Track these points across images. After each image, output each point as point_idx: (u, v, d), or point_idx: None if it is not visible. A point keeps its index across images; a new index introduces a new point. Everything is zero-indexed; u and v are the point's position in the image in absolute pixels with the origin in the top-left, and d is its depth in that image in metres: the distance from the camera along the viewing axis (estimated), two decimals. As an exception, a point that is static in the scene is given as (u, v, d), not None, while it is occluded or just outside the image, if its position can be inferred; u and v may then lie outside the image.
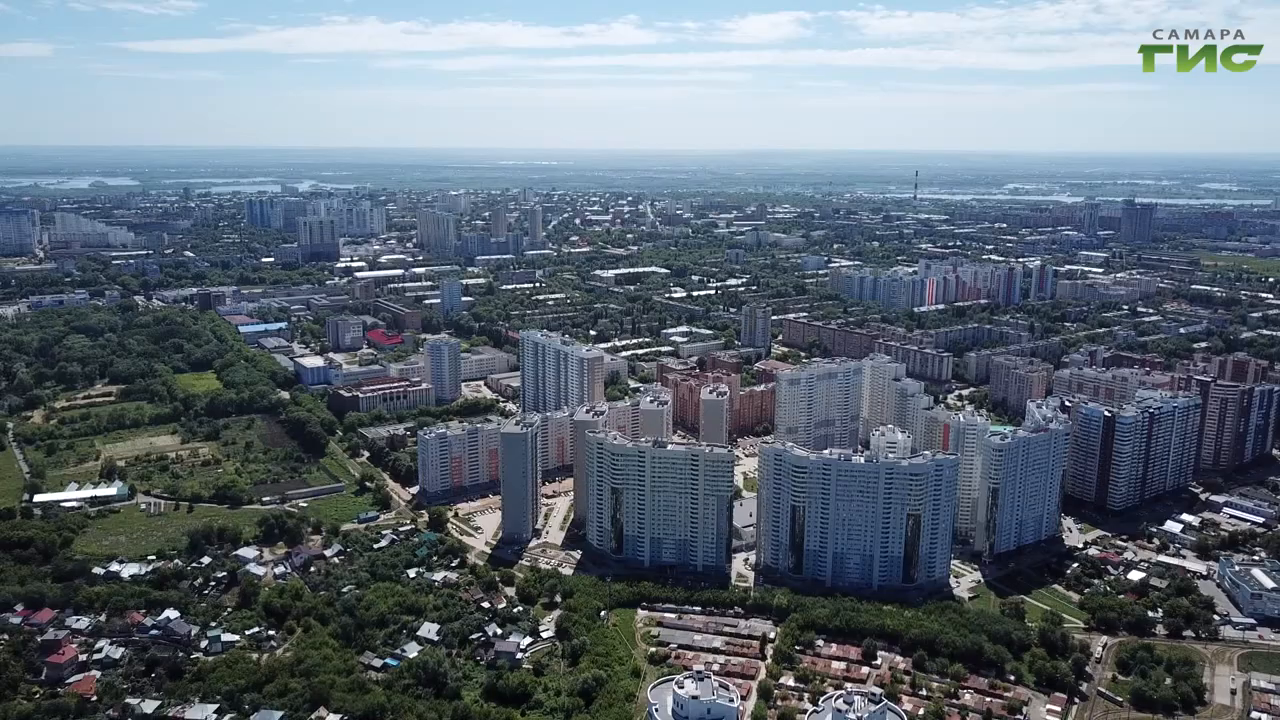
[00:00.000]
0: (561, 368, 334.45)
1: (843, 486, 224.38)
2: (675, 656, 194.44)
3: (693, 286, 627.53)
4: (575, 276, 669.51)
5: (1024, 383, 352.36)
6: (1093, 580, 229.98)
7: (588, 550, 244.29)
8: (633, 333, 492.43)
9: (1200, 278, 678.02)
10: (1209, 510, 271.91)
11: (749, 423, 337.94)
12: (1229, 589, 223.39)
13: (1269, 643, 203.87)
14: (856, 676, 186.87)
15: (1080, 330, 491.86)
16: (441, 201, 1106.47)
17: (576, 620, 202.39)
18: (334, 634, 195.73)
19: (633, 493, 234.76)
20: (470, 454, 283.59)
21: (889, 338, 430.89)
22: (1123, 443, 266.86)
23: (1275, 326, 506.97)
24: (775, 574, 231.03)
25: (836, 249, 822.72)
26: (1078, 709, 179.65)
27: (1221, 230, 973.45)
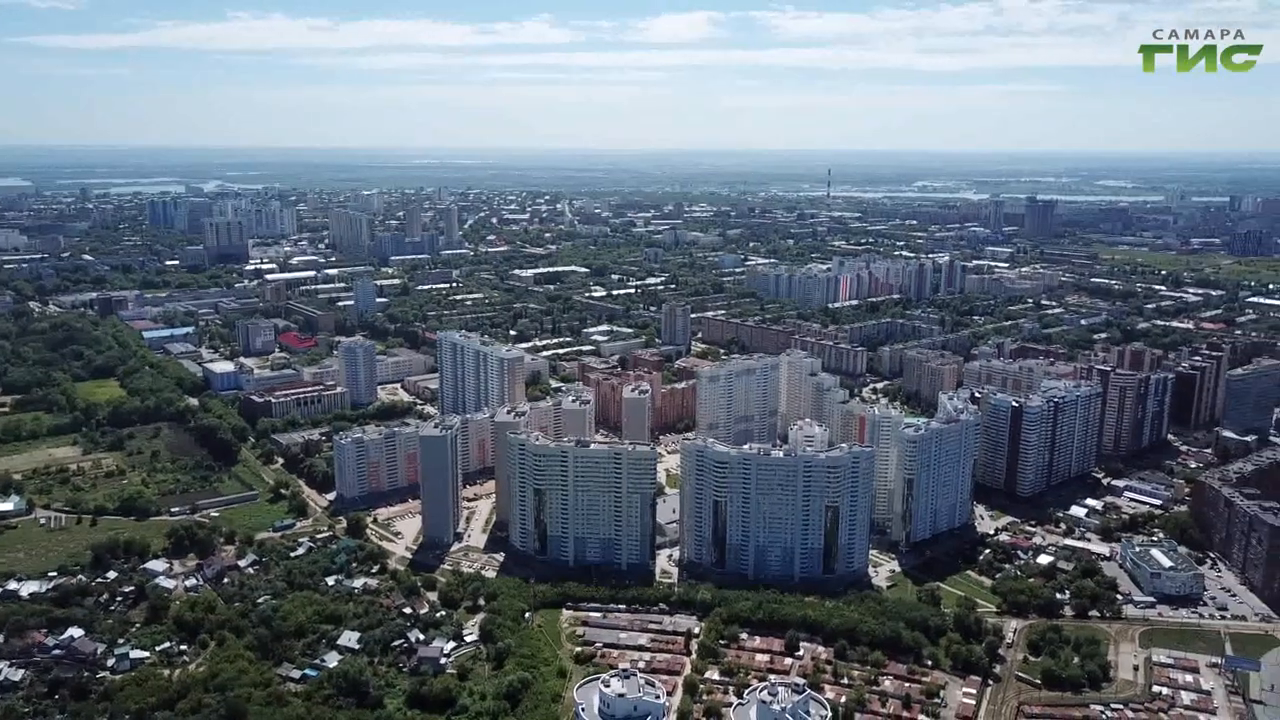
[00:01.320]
0: (481, 369, 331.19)
1: (763, 481, 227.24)
2: (601, 655, 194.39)
3: (613, 285, 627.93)
4: (493, 276, 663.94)
5: (935, 375, 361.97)
6: (1004, 565, 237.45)
7: (511, 552, 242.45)
8: (553, 332, 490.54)
9: (1099, 271, 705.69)
10: (1111, 494, 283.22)
11: (671, 420, 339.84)
12: (1130, 569, 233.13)
13: (1168, 620, 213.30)
14: (780, 668, 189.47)
15: (988, 323, 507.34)
16: (354, 201, 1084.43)
17: (500, 623, 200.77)
18: (250, 646, 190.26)
19: (556, 493, 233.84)
20: (388, 458, 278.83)
21: (805, 334, 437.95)
22: (1030, 431, 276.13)
23: (1169, 317, 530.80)
24: (699, 569, 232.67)
25: (753, 247, 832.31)
26: (992, 690, 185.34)
27: (1118, 225, 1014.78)
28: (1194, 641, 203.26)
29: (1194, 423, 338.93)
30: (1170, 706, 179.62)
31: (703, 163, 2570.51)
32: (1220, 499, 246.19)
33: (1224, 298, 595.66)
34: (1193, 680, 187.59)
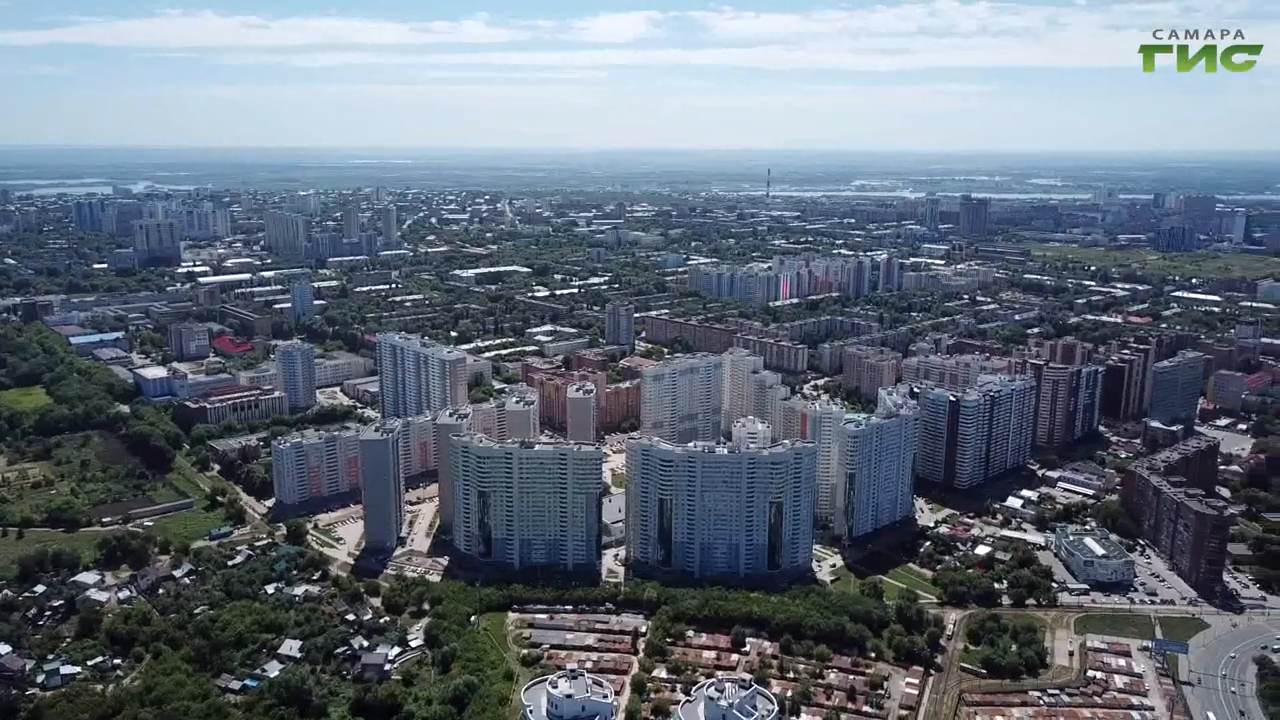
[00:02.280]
0: (422, 370, 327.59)
1: (708, 478, 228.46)
2: (548, 657, 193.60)
3: (555, 285, 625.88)
4: (433, 277, 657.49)
5: (875, 371, 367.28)
6: (944, 557, 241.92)
7: (455, 555, 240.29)
8: (496, 333, 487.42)
9: (1031, 268, 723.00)
10: (1045, 485, 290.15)
11: (615, 419, 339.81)
12: (1065, 558, 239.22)
13: (1101, 606, 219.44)
14: (727, 664, 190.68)
15: (925, 320, 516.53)
16: (290, 202, 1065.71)
17: (446, 627, 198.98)
18: (187, 658, 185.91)
19: (500, 495, 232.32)
20: (328, 463, 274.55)
21: (747, 332, 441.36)
22: (967, 425, 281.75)
23: (1098, 311, 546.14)
24: (645, 568, 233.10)
25: (694, 246, 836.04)
26: (934, 679, 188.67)
27: (1048, 223, 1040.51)
28: (1126, 626, 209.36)
29: (1123, 414, 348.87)
30: (1104, 690, 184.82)
31: (644, 162, 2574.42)
32: (1149, 487, 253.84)
33: (1150, 292, 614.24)
34: (1125, 664, 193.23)
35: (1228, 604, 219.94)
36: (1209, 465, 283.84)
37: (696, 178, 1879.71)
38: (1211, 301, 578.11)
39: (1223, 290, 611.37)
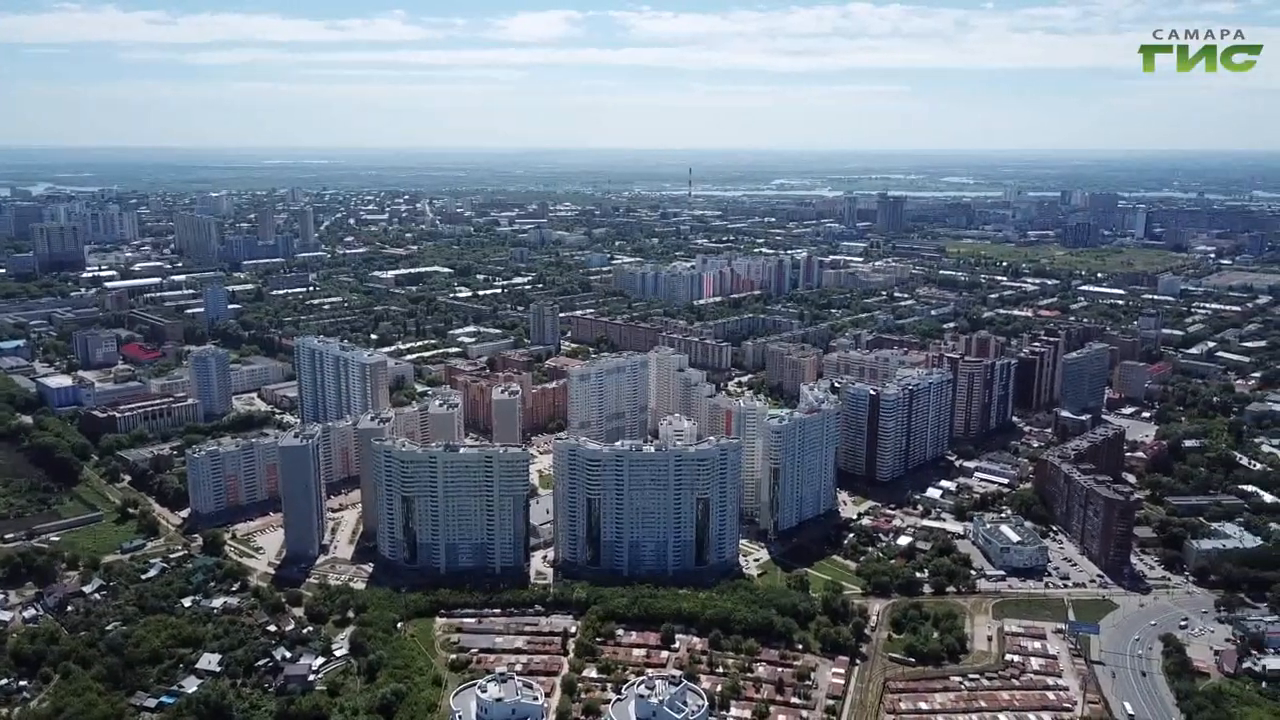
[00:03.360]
0: (342, 374, 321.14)
1: (635, 477, 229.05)
2: (477, 661, 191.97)
3: (478, 285, 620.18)
4: (352, 279, 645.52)
5: (797, 368, 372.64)
6: (867, 548, 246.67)
7: (380, 562, 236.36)
8: (417, 335, 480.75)
9: (946, 264, 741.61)
10: (963, 475, 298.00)
11: (542, 420, 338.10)
12: (982, 546, 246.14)
13: (1017, 591, 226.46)
14: (657, 661, 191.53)
15: (845, 316, 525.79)
16: (201, 204, 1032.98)
17: (371, 635, 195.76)
18: (99, 677, 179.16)
19: (425, 499, 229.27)
20: (246, 471, 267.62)
21: (672, 330, 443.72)
22: (887, 419, 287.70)
23: (1010, 306, 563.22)
24: (574, 568, 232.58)
25: (618, 246, 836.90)
26: (859, 669, 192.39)
27: (961, 220, 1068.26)
28: (1041, 610, 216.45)
29: (1035, 404, 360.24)
30: (1021, 673, 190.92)
31: (565, 161, 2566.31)
32: (1060, 475, 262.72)
33: (1058, 287, 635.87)
34: (1041, 647, 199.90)
35: (1135, 585, 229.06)
36: (1116, 452, 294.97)
37: (619, 177, 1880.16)
38: (1116, 295, 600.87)
39: (1126, 284, 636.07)
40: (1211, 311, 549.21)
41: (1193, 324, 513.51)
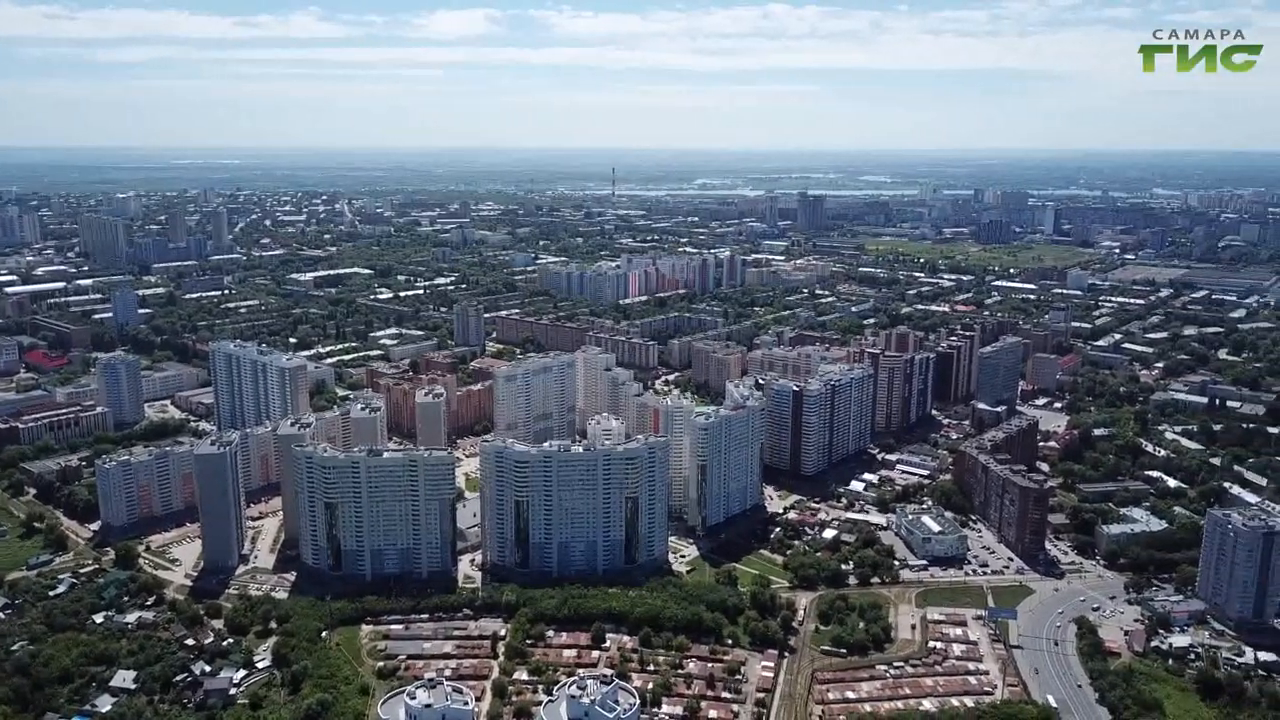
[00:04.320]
0: (260, 379, 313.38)
1: (564, 477, 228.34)
2: (405, 668, 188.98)
3: (399, 287, 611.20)
4: (269, 281, 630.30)
5: (722, 365, 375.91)
6: (793, 542, 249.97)
7: (303, 570, 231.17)
8: (337, 337, 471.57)
9: (865, 261, 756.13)
10: (885, 468, 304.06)
11: (468, 422, 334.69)
12: (905, 536, 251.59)
13: (938, 580, 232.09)
14: (587, 661, 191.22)
15: (768, 314, 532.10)
16: (108, 205, 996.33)
17: (295, 645, 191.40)
18: (5, 699, 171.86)
19: (349, 505, 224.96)
20: (160, 480, 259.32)
21: (598, 330, 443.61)
22: (810, 414, 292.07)
23: (928, 301, 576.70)
24: (503, 571, 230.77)
25: (542, 245, 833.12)
26: (788, 661, 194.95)
27: (880, 218, 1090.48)
28: (961, 598, 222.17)
29: (953, 397, 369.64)
30: (944, 659, 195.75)
31: (488, 161, 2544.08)
32: (978, 465, 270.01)
33: (973, 282, 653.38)
34: (962, 633, 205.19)
35: (1050, 570, 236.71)
36: (1030, 442, 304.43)
37: (542, 176, 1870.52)
38: (1027, 290, 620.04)
39: (1037, 279, 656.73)
40: (1117, 305, 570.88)
41: (1100, 317, 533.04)
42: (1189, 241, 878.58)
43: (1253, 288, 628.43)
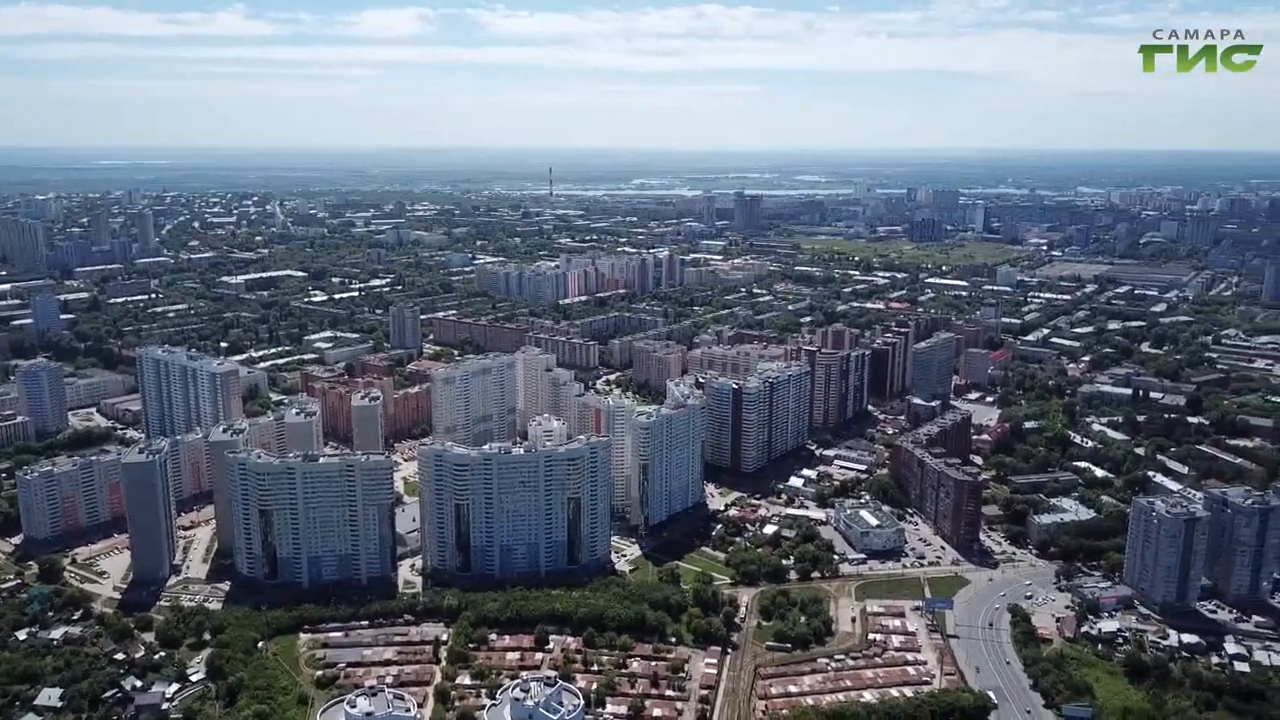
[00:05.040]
0: (190, 385, 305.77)
1: (505, 479, 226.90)
2: (345, 676, 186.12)
3: (334, 289, 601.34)
4: (199, 284, 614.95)
5: (662, 364, 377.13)
6: (735, 538, 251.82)
7: (238, 580, 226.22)
8: (270, 341, 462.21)
9: (801, 260, 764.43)
10: (823, 464, 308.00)
11: (405, 426, 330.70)
12: (844, 530, 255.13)
13: (877, 573, 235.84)
14: (531, 663, 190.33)
15: (707, 313, 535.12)
16: (26, 207, 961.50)
17: (230, 656, 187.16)
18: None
19: (284, 512, 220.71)
20: (85, 491, 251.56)
21: (538, 330, 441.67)
22: (750, 411, 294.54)
23: (863, 299, 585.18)
24: (444, 575, 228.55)
25: (480, 246, 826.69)
26: (731, 657, 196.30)
27: (815, 217, 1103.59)
28: (900, 590, 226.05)
29: (888, 393, 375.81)
30: (884, 650, 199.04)
31: (423, 161, 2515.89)
32: (913, 460, 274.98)
33: (907, 280, 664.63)
34: (900, 624, 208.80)
35: (984, 560, 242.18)
36: (963, 436, 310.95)
37: (478, 176, 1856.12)
38: (959, 286, 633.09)
39: (968, 276, 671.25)
40: (1045, 300, 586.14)
41: (1029, 312, 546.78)
42: (1112, 238, 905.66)
43: (1172, 283, 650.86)
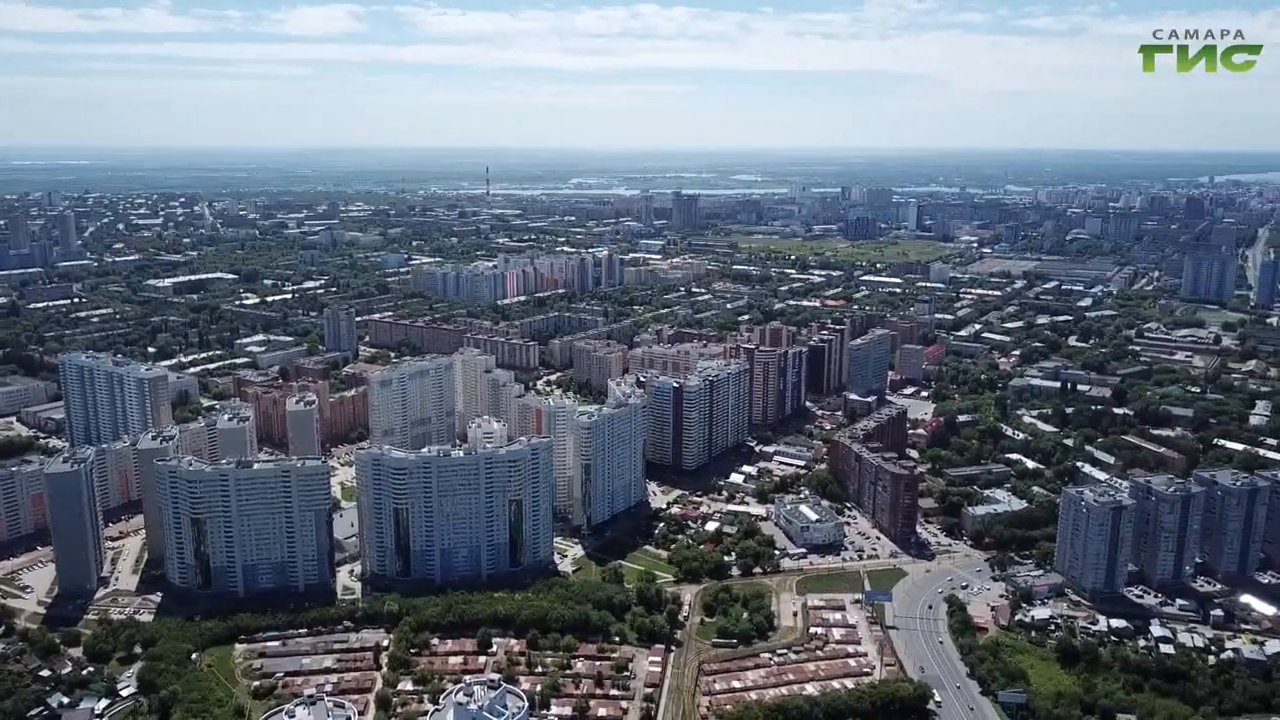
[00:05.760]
0: (117, 392, 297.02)
1: (445, 482, 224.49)
2: (283, 685, 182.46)
3: (266, 291, 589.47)
4: (124, 288, 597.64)
5: (603, 364, 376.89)
6: (677, 536, 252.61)
7: (170, 591, 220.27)
8: (201, 346, 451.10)
9: (739, 259, 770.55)
10: (763, 460, 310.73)
11: (342, 430, 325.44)
12: (784, 526, 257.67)
13: (817, 567, 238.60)
14: (474, 667, 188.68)
15: (647, 312, 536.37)
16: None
17: (162, 669, 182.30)
18: None
19: (218, 520, 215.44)
20: (6, 503, 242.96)
21: (477, 331, 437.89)
22: (690, 409, 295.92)
23: (799, 297, 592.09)
24: (384, 580, 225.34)
25: (416, 246, 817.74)
26: (675, 655, 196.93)
27: (752, 216, 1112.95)
28: (840, 583, 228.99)
29: (826, 389, 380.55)
30: (825, 644, 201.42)
31: (357, 161, 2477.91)
32: (851, 454, 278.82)
33: (842, 277, 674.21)
34: (841, 617, 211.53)
35: (921, 552, 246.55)
36: (899, 430, 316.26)
37: (414, 176, 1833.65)
38: (893, 283, 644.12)
39: (902, 273, 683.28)
40: (976, 296, 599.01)
41: (961, 308, 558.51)
42: (1040, 235, 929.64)
43: (1097, 278, 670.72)
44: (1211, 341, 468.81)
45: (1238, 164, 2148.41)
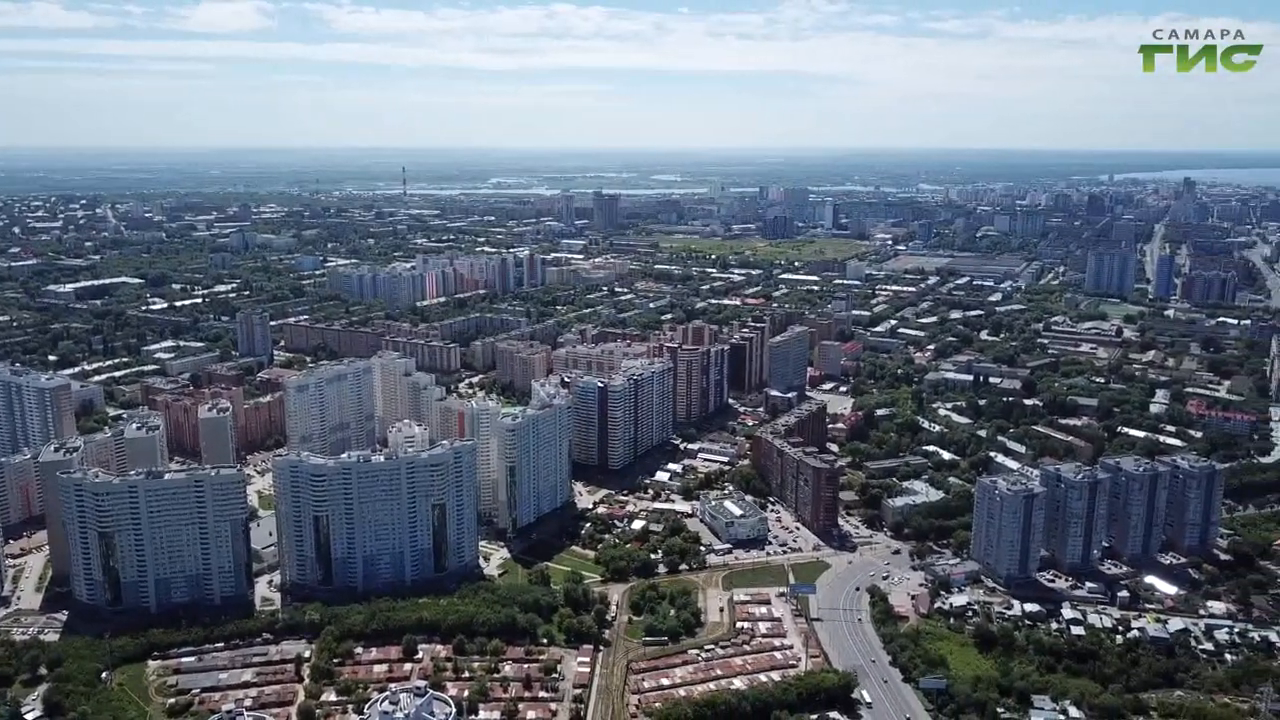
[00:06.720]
0: (15, 402, 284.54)
1: (365, 488, 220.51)
2: (200, 702, 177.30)
3: (174, 296, 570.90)
4: (21, 294, 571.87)
5: (527, 365, 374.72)
6: (604, 535, 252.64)
7: (76, 608, 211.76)
8: (105, 353, 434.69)
9: (661, 258, 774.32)
10: (688, 457, 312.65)
11: (258, 437, 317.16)
12: (709, 522, 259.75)
13: (742, 562, 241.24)
14: (400, 675, 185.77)
15: (570, 312, 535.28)
16: None
17: (70, 690, 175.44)
18: None
19: (127, 534, 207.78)
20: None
21: (396, 334, 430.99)
22: (615, 409, 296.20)
23: (720, 296, 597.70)
24: (305, 590, 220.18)
25: (331, 248, 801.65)
26: (603, 655, 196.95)
27: (672, 216, 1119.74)
28: (765, 577, 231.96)
29: (747, 386, 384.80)
30: (752, 638, 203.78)
31: (268, 161, 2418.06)
32: (773, 450, 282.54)
33: (761, 276, 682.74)
34: (766, 611, 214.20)
35: (844, 544, 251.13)
36: (819, 425, 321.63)
37: (328, 176, 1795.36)
38: (811, 281, 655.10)
39: (819, 271, 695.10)
40: (892, 293, 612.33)
41: (877, 304, 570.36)
42: (951, 232, 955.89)
43: (1007, 273, 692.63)
44: (1114, 334, 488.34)
45: (1135, 163, 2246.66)
